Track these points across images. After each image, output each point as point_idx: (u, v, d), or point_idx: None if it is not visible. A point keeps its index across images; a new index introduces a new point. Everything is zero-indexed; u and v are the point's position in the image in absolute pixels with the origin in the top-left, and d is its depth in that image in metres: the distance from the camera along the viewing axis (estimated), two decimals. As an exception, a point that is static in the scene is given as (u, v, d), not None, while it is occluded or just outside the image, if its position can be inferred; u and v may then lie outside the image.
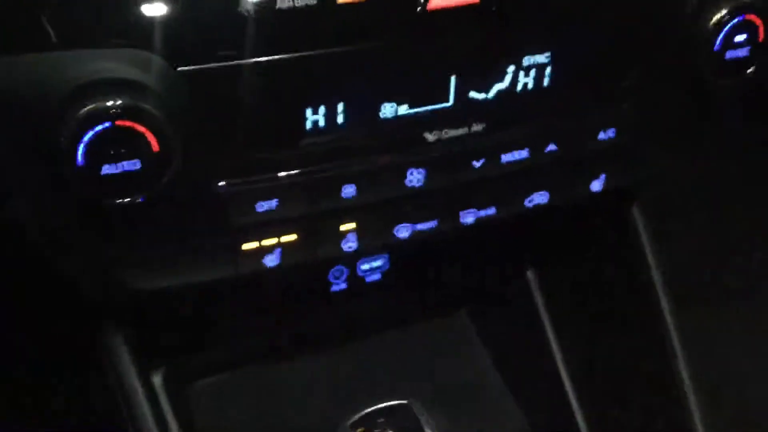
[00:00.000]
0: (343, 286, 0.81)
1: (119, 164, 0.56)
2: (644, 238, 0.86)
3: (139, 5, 0.53)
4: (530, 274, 1.01)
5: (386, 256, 0.80)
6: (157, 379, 0.84)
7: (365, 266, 0.81)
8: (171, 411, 0.82)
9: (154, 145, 0.56)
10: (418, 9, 0.59)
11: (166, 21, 0.54)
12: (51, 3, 0.51)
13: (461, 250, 0.85)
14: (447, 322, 1.09)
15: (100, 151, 0.54)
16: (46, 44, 0.53)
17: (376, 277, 0.82)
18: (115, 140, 0.55)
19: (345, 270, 0.80)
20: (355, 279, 0.81)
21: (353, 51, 0.59)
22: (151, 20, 0.54)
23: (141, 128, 0.55)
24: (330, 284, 0.81)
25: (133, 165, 0.56)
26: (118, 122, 0.54)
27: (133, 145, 0.55)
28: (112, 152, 0.55)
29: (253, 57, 0.57)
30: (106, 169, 0.55)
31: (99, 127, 0.54)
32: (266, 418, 0.95)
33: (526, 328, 1.01)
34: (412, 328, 1.05)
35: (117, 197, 0.57)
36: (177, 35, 0.54)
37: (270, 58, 0.57)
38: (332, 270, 0.79)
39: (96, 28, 0.53)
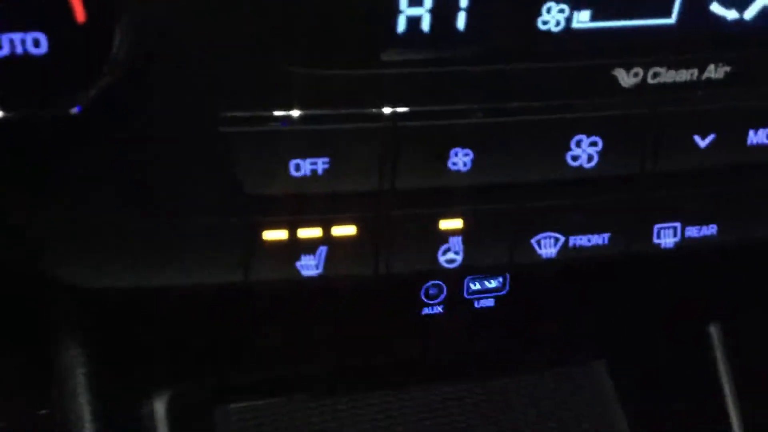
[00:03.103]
0: (439, 309, 0.68)
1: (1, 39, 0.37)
2: None
3: None
4: (713, 329, 0.81)
5: (506, 274, 0.68)
6: (159, 407, 0.72)
7: (476, 285, 0.67)
8: None
9: (78, 10, 0.37)
10: None
11: None
12: None
13: (624, 282, 0.69)
14: (576, 374, 0.92)
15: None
16: None
17: (489, 303, 0.68)
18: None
19: (445, 287, 0.66)
20: (457, 301, 0.67)
21: None
22: None
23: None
24: (421, 304, 0.67)
25: (33, 45, 0.38)
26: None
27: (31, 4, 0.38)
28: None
29: None
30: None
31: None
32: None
33: (696, 393, 0.83)
34: (527, 377, 0.86)
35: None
36: None
37: None
38: (426, 285, 0.65)
39: None
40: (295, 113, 0.45)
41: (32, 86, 0.39)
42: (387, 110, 0.46)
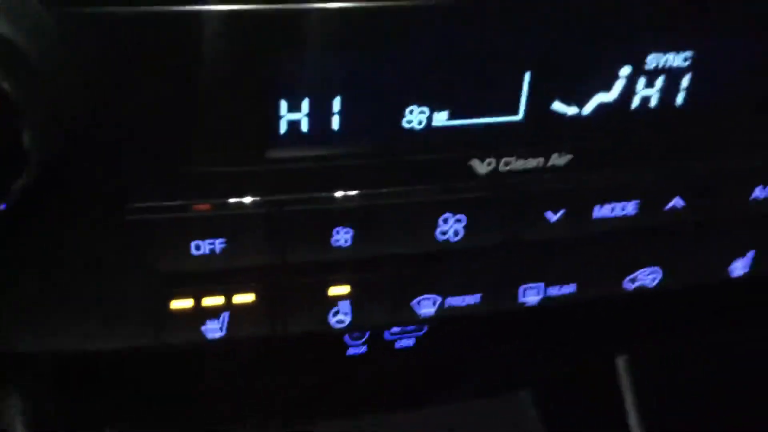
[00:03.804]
0: (363, 350, 0.70)
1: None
2: None
3: None
4: (621, 361, 0.85)
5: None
6: None
7: (395, 327, 0.69)
8: None
9: (-7, 134, 0.39)
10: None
11: None
12: None
13: (534, 321, 0.71)
14: (500, 403, 0.93)
15: None
16: None
17: (409, 342, 0.71)
18: None
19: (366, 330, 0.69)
20: (379, 342, 0.70)
21: (364, 9, 0.44)
22: None
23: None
24: (345, 346, 0.70)
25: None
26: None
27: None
28: None
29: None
30: None
31: None
32: None
33: (606, 417, 0.87)
34: (451, 407, 0.89)
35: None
36: None
37: (232, 7, 0.42)
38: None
39: None
40: (192, 203, 0.48)
41: None
42: (273, 198, 0.48)
